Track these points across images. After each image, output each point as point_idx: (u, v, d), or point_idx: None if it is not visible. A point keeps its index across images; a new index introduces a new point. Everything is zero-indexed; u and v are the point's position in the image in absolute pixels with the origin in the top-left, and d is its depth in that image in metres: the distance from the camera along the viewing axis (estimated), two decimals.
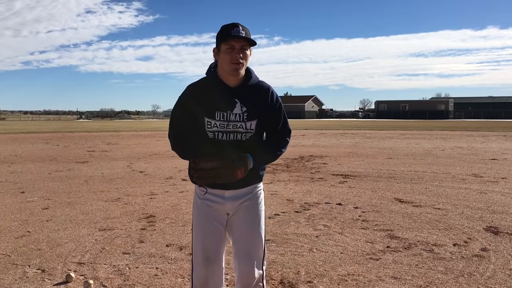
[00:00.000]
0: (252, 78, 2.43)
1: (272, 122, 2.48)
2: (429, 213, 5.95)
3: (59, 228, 5.27)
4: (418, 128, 34.94)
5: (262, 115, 2.42)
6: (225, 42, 2.30)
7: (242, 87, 2.40)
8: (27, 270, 3.88)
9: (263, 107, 2.43)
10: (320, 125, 42.69)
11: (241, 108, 2.38)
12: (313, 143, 18.97)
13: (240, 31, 2.28)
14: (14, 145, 18.36)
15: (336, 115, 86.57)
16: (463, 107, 79.88)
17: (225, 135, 2.38)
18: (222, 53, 2.33)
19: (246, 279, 2.48)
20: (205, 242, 2.50)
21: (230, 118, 2.37)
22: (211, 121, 2.37)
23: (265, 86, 2.47)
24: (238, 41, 2.29)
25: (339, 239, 4.76)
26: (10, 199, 6.98)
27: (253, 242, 2.49)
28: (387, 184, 8.26)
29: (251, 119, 2.39)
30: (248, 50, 2.35)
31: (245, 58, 2.33)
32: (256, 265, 2.49)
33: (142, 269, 3.91)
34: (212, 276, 2.51)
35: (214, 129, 2.38)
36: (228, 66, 2.31)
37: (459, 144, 18.01)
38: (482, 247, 4.46)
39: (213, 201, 2.48)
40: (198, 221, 2.53)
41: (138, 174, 9.81)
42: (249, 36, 2.32)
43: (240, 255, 2.48)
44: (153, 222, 5.50)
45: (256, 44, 2.36)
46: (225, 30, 2.31)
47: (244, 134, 2.39)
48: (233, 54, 2.29)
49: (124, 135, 26.90)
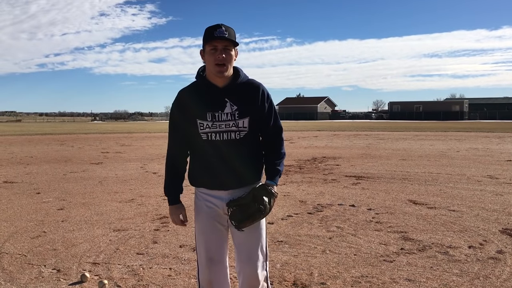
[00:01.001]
0: (241, 77, 2.45)
1: (263, 119, 2.49)
2: (443, 215, 5.89)
3: (74, 228, 5.33)
4: (432, 129, 34.62)
5: (254, 112, 2.43)
6: (208, 43, 2.33)
7: (230, 86, 2.41)
8: (42, 270, 3.93)
9: (254, 105, 2.44)
10: (333, 127, 42.54)
11: (231, 107, 2.39)
12: (326, 145, 18.91)
13: (223, 31, 2.30)
14: (29, 146, 18.60)
15: (349, 117, 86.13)
16: (478, 108, 78.97)
17: (219, 135, 2.39)
18: (206, 55, 2.36)
19: (251, 282, 2.48)
20: (207, 243, 2.52)
21: (222, 118, 2.38)
22: (203, 123, 2.39)
23: (255, 83, 2.49)
24: (221, 41, 2.31)
25: (353, 241, 4.74)
26: (26, 200, 7.07)
27: (254, 244, 2.48)
28: (401, 186, 8.20)
29: (243, 117, 2.40)
30: (232, 50, 2.36)
31: (229, 58, 2.34)
32: (260, 267, 2.48)
33: (155, 270, 3.93)
34: (217, 277, 2.53)
35: (207, 130, 2.39)
36: (213, 67, 2.34)
37: (474, 145, 17.81)
38: (498, 250, 4.40)
39: (212, 202, 2.49)
40: (199, 222, 2.56)
41: (151, 175, 9.88)
42: (232, 36, 2.34)
43: (243, 258, 2.49)
44: (166, 223, 5.53)
45: (238, 45, 2.39)
46: (209, 31, 2.33)
47: (237, 133, 2.40)
48: (216, 54, 2.31)
49: (137, 136, 27.09)
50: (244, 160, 2.44)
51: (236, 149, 2.40)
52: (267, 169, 2.53)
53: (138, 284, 3.61)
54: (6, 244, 4.69)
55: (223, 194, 2.46)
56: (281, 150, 2.55)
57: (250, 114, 2.41)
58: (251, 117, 2.42)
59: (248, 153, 2.45)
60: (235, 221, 2.37)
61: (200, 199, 2.54)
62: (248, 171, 2.46)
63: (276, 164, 2.52)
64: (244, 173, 2.44)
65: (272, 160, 2.52)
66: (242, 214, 2.36)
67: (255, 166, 2.51)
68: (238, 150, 2.41)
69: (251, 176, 2.48)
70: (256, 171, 2.51)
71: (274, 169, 2.51)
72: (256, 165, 2.52)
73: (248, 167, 2.46)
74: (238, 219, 2.36)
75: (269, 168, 2.52)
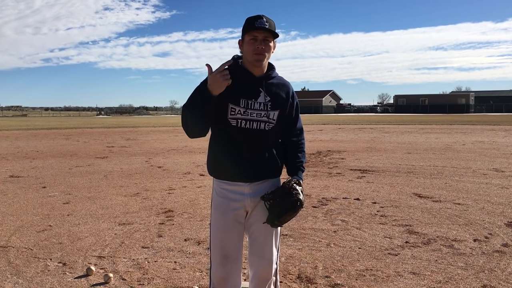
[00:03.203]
0: (275, 71, 2.47)
1: (290, 117, 2.50)
2: (449, 208, 5.88)
3: (79, 222, 5.36)
4: (438, 122, 34.46)
5: (283, 107, 2.44)
6: (248, 33, 2.32)
7: (266, 78, 2.41)
8: (48, 264, 3.95)
9: (284, 100, 2.45)
10: (338, 120, 42.43)
11: (265, 98, 2.38)
12: (331, 138, 18.88)
13: (264, 22, 2.29)
14: (35, 141, 18.68)
15: (354, 110, 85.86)
16: (484, 101, 78.43)
17: (249, 123, 2.35)
18: (245, 44, 2.34)
19: (265, 275, 2.48)
20: (224, 241, 2.46)
21: (254, 107, 2.36)
22: (235, 108, 2.34)
23: (286, 82, 2.52)
24: (261, 32, 2.30)
25: (357, 234, 4.74)
26: (32, 194, 7.11)
27: (269, 239, 2.48)
28: (406, 179, 8.18)
29: (275, 109, 2.40)
30: (271, 42, 2.34)
31: (267, 49, 2.33)
32: (273, 261, 2.49)
33: (160, 263, 3.95)
34: (231, 274, 2.49)
35: (238, 116, 2.34)
36: (251, 56, 2.32)
37: (480, 138, 17.72)
38: (503, 243, 4.38)
39: (232, 198, 2.43)
40: (217, 218, 2.49)
41: (156, 169, 9.90)
42: (273, 28, 2.33)
43: (257, 253, 2.47)
44: (171, 217, 5.55)
45: (279, 36, 2.36)
46: (249, 22, 2.32)
47: (267, 124, 2.38)
48: (255, 44, 2.30)
49: (142, 130, 27.14)
50: (269, 153, 2.43)
51: (263, 140, 2.39)
52: (293, 167, 2.53)
53: (143, 278, 3.62)
54: (12, 238, 4.72)
55: (244, 189, 2.41)
56: (304, 149, 2.59)
57: (280, 108, 2.42)
58: (281, 112, 2.43)
59: (273, 146, 2.46)
60: (275, 215, 2.31)
61: (219, 194, 2.48)
62: (272, 164, 2.45)
63: (302, 162, 2.55)
64: (267, 165, 2.43)
65: (297, 158, 2.54)
66: (282, 207, 2.30)
67: (278, 160, 2.49)
68: (264, 141, 2.40)
69: (274, 171, 2.47)
70: (278, 165, 2.50)
71: (299, 166, 2.53)
72: (279, 159, 2.50)
73: (272, 159, 2.45)
74: (278, 212, 2.30)
75: (295, 165, 2.53)
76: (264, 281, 2.50)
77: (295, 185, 2.37)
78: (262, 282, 2.50)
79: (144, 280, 3.57)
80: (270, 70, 2.45)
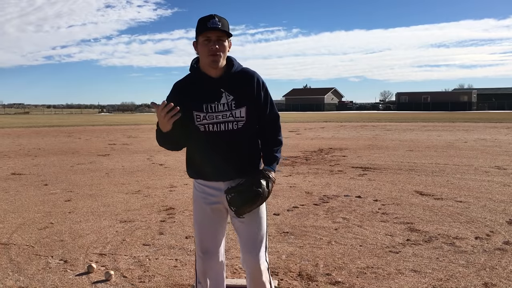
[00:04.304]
0: (235, 66, 2.43)
1: (260, 108, 2.47)
2: (450, 206, 5.87)
3: (81, 219, 5.37)
4: (440, 120, 34.40)
5: (250, 100, 2.42)
6: (201, 35, 2.31)
7: (225, 76, 2.39)
8: (50, 261, 3.96)
9: (250, 94, 2.42)
10: (339, 118, 42.39)
11: (227, 98, 2.37)
12: (333, 136, 18.86)
13: (216, 22, 2.28)
14: (37, 138, 18.71)
15: (356, 108, 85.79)
16: (487, 98, 78.24)
17: (216, 126, 2.37)
18: (199, 46, 2.34)
19: (255, 272, 2.48)
20: (202, 235, 2.54)
21: (218, 109, 2.37)
22: (199, 114, 2.37)
23: (250, 72, 2.47)
24: (214, 32, 2.29)
25: (358, 232, 4.73)
26: (33, 191, 7.12)
27: (255, 235, 2.47)
28: (408, 177, 8.17)
29: (239, 107, 2.38)
30: (225, 41, 2.34)
31: (222, 49, 2.32)
32: (261, 257, 2.47)
33: (161, 261, 3.95)
34: (211, 268, 2.56)
35: (204, 122, 2.37)
36: (206, 58, 2.32)
37: (482, 136, 17.68)
38: (504, 241, 4.38)
39: (210, 194, 2.48)
40: (196, 213, 2.56)
41: (158, 167, 9.91)
42: (226, 27, 2.32)
43: (245, 249, 2.48)
44: (172, 214, 5.55)
45: (232, 36, 2.37)
46: (201, 23, 2.31)
47: (235, 123, 2.38)
48: (209, 45, 2.30)
49: (144, 128, 27.15)
50: (242, 150, 2.43)
51: (234, 139, 2.39)
52: (265, 156, 2.52)
53: (144, 275, 3.63)
54: (14, 235, 4.73)
55: (221, 185, 2.45)
56: (278, 137, 2.55)
57: (247, 103, 2.40)
58: (248, 106, 2.40)
59: (246, 143, 2.45)
60: (234, 206, 2.35)
61: (198, 189, 2.54)
62: (247, 161, 2.45)
63: (274, 151, 2.51)
64: (242, 163, 2.43)
65: (269, 147, 2.51)
66: (241, 199, 2.33)
67: (254, 155, 2.50)
68: (236, 140, 2.40)
69: (250, 166, 2.47)
70: (254, 161, 2.50)
71: (271, 155, 2.50)
72: (255, 155, 2.51)
73: (246, 157, 2.45)
74: (237, 204, 2.34)
75: (267, 155, 2.51)
76: (253, 277, 2.49)
77: (260, 175, 2.39)
78: (252, 278, 2.50)
79: (145, 278, 3.58)
80: (230, 67, 2.42)
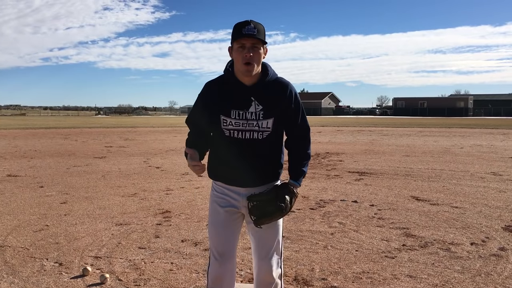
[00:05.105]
0: (269, 75, 2.38)
1: (290, 119, 2.44)
2: (446, 211, 5.88)
3: (76, 222, 5.35)
4: (436, 125, 34.50)
5: (280, 112, 2.38)
6: (236, 41, 2.28)
7: (258, 85, 2.36)
8: (45, 264, 3.94)
9: (281, 104, 2.38)
10: (336, 122, 42.46)
11: (255, 107, 2.34)
12: (330, 140, 18.88)
13: (252, 29, 2.24)
14: (34, 140, 18.65)
15: (353, 112, 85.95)
16: (483, 104, 78.59)
17: (241, 134, 2.35)
18: (234, 52, 2.31)
19: (267, 278, 2.47)
20: (218, 238, 2.49)
21: (246, 117, 2.34)
22: (226, 119, 2.35)
23: (284, 82, 2.43)
24: (249, 39, 2.25)
25: (354, 237, 4.74)
26: (29, 193, 7.10)
27: (271, 242, 2.47)
28: (404, 182, 8.18)
29: (267, 118, 2.35)
30: (260, 48, 2.29)
31: (256, 57, 2.28)
32: (275, 264, 2.47)
33: (157, 264, 3.94)
34: (226, 273, 2.50)
35: (230, 127, 2.35)
36: (240, 66, 2.28)
37: (478, 142, 17.74)
38: (500, 247, 4.39)
39: (229, 195, 2.46)
40: (212, 215, 2.52)
41: (154, 170, 9.89)
42: (261, 34, 2.28)
43: (260, 255, 2.47)
44: (168, 218, 5.54)
45: (267, 43, 2.33)
46: (237, 29, 2.27)
47: (260, 133, 2.35)
48: (244, 53, 2.26)
49: (141, 131, 27.11)
50: (264, 160, 2.41)
51: (257, 149, 2.37)
52: (292, 169, 2.49)
53: (139, 278, 3.61)
54: (9, 237, 4.71)
55: (241, 190, 2.43)
56: (307, 151, 2.51)
57: (276, 114, 2.37)
58: (276, 118, 2.37)
59: (269, 154, 2.42)
60: (255, 216, 2.33)
61: (217, 191, 2.51)
62: (268, 171, 2.44)
63: (301, 165, 2.48)
64: (263, 173, 2.42)
65: (297, 161, 2.49)
66: (262, 210, 2.33)
67: (276, 166, 2.47)
68: (259, 150, 2.38)
69: (270, 177, 2.46)
70: (275, 172, 2.48)
71: (299, 170, 2.47)
72: (277, 166, 2.48)
73: (267, 168, 2.43)
74: (257, 214, 2.33)
75: (294, 168, 2.48)
76: (265, 284, 2.48)
77: (285, 190, 2.39)
78: (263, 285, 2.49)
79: (141, 281, 3.56)
80: (264, 75, 2.38)
